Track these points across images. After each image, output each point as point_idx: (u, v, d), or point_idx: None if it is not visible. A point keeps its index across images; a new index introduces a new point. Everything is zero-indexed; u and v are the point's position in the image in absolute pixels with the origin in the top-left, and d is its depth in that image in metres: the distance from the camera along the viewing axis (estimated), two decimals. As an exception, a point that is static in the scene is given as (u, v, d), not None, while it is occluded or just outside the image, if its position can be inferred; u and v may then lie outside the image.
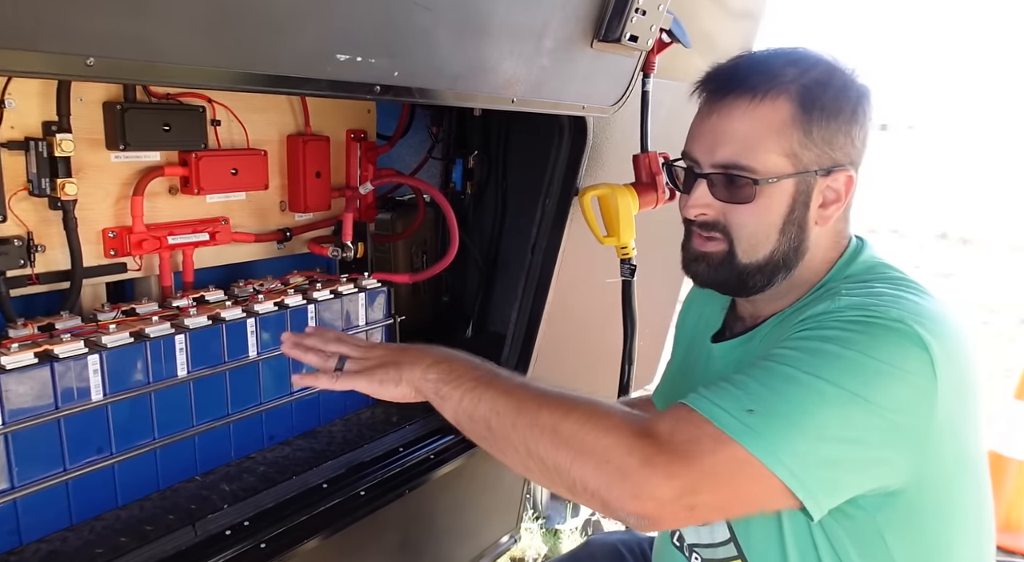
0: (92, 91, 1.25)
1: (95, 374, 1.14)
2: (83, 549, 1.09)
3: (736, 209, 1.03)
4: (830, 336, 0.90)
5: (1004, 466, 3.15)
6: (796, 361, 0.89)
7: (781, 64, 1.02)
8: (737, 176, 1.01)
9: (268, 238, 1.60)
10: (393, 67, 1.05)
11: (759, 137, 1.00)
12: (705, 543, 1.18)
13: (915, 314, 0.91)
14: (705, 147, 1.04)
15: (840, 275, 1.07)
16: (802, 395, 0.86)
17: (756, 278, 1.05)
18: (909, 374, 0.88)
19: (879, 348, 0.88)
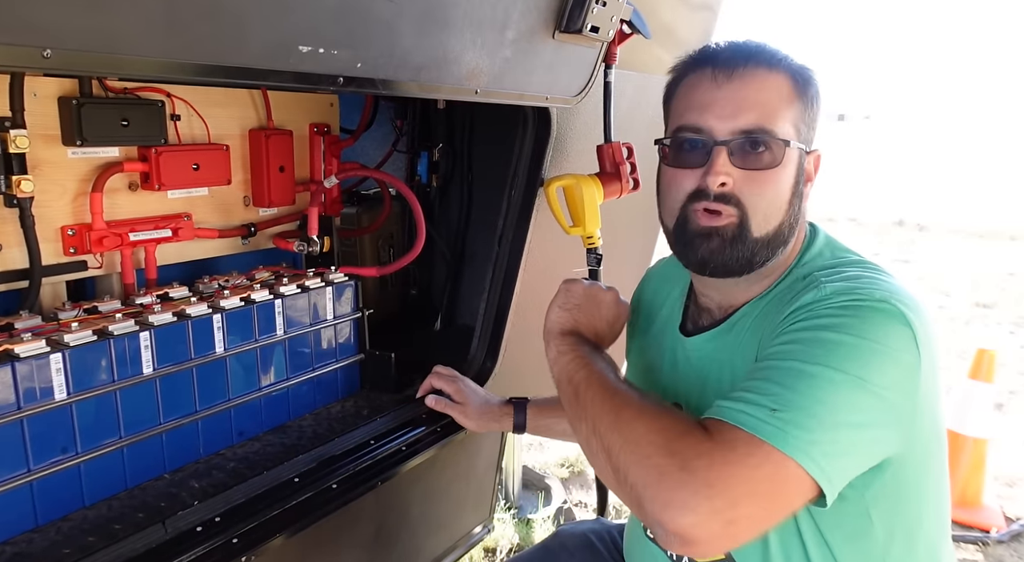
0: (46, 86, 1.22)
1: (58, 373, 1.12)
2: (50, 550, 1.07)
3: (755, 179, 1.02)
4: (825, 324, 0.92)
5: (960, 444, 3.25)
6: (801, 354, 0.91)
7: (771, 48, 1.06)
8: (763, 139, 1.01)
9: (232, 234, 1.59)
10: (356, 59, 1.05)
11: (778, 104, 1.03)
12: None
13: (895, 293, 0.95)
14: (725, 114, 1.02)
15: (808, 257, 1.10)
16: (815, 386, 0.88)
17: (764, 253, 1.05)
18: (897, 351, 0.91)
19: (870, 329, 0.91)
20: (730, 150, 1.02)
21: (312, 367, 1.59)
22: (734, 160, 1.02)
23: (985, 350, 3.36)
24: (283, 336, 1.50)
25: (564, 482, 3.37)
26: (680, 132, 1.07)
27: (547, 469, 3.45)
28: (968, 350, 5.04)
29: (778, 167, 1.02)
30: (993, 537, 3.00)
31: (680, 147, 1.07)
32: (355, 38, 1.04)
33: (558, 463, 3.54)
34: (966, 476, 3.22)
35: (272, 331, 1.48)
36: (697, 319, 1.21)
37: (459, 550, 1.88)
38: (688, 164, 1.06)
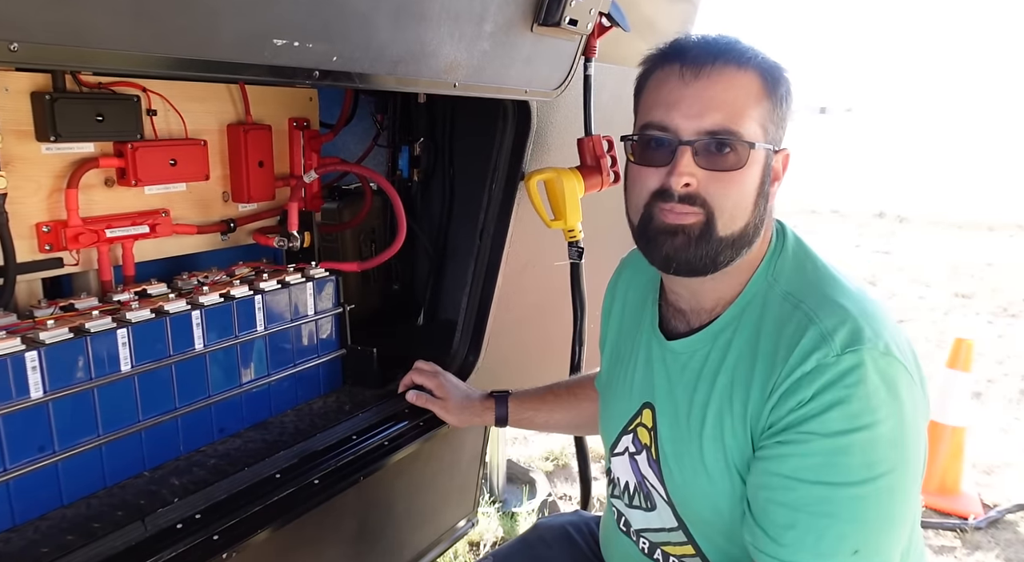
0: (18, 80, 1.20)
1: (33, 371, 1.11)
2: (28, 549, 1.06)
3: (719, 179, 1.01)
4: (852, 417, 0.92)
5: (939, 432, 3.29)
6: (850, 471, 0.92)
7: (743, 45, 1.05)
8: (728, 141, 1.00)
9: (211, 230, 1.58)
10: (332, 52, 1.04)
11: (746, 104, 1.02)
12: (654, 528, 1.20)
13: (884, 328, 0.97)
14: (691, 113, 1.01)
15: (780, 264, 1.10)
16: (880, 505, 0.93)
17: (728, 253, 1.04)
18: (914, 409, 0.96)
19: (892, 401, 0.93)
20: (695, 150, 1.01)
21: (293, 363, 1.58)
22: (699, 160, 1.01)
23: (963, 339, 3.41)
24: (263, 332, 1.49)
25: (549, 475, 3.38)
26: (646, 129, 1.06)
27: (532, 463, 3.46)
28: (947, 340, 5.11)
29: (743, 168, 1.02)
30: (971, 524, 3.04)
31: (646, 145, 1.06)
32: (331, 31, 1.03)
33: (543, 456, 3.55)
34: (945, 464, 3.26)
35: (252, 327, 1.47)
36: (671, 320, 1.20)
37: (443, 544, 1.88)
38: (653, 163, 1.05)
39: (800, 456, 0.95)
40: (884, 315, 1.01)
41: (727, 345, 1.08)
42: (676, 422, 1.13)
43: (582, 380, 1.61)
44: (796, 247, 1.12)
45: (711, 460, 1.07)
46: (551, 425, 1.61)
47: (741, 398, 1.03)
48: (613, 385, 1.32)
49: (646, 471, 1.20)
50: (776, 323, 1.03)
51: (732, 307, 1.10)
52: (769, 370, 1.01)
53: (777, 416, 0.98)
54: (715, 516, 1.09)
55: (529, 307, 2.05)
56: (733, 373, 1.06)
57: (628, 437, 1.24)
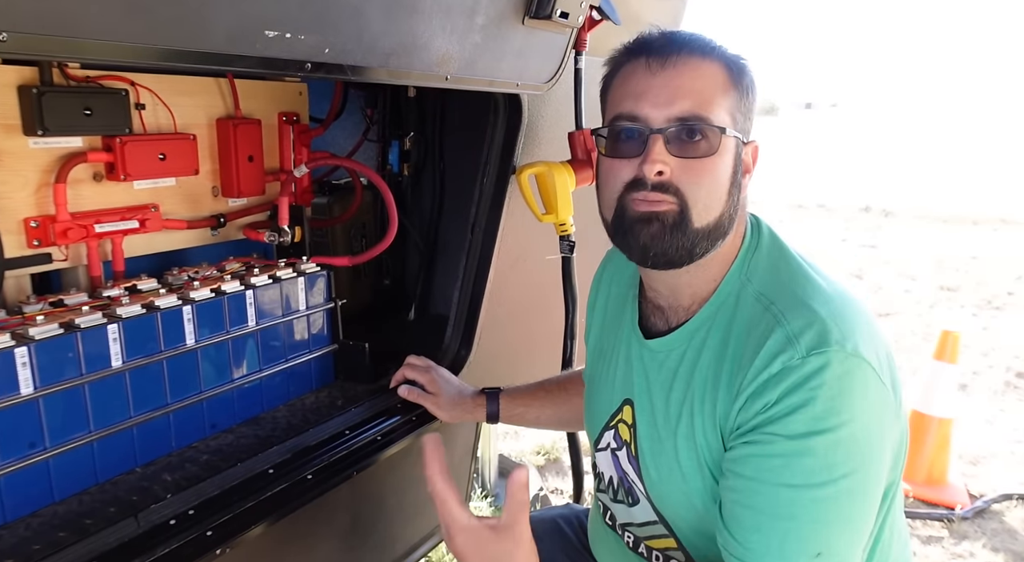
0: (5, 74, 1.19)
1: (24, 367, 1.10)
2: (19, 546, 1.05)
3: (692, 167, 1.01)
4: (816, 427, 0.92)
5: (925, 424, 3.33)
6: (811, 474, 0.92)
7: (705, 37, 1.05)
8: (698, 127, 1.00)
9: (201, 225, 1.57)
10: (324, 44, 1.04)
11: (713, 92, 1.02)
12: (638, 522, 1.21)
13: (853, 329, 0.97)
14: (659, 102, 1.01)
15: (755, 260, 1.10)
16: (840, 507, 0.93)
17: (703, 245, 1.04)
18: (881, 410, 0.96)
19: (856, 403, 0.93)
20: (666, 138, 1.01)
21: (285, 358, 1.57)
22: (671, 148, 1.01)
23: (949, 332, 3.44)
24: (255, 327, 1.48)
25: (540, 469, 3.39)
26: (616, 121, 1.05)
27: (523, 457, 3.46)
28: (932, 332, 5.16)
29: (715, 155, 1.01)
30: (958, 514, 3.08)
31: (617, 137, 1.06)
32: (322, 23, 1.02)
33: (534, 451, 3.56)
34: (931, 455, 3.30)
35: (244, 322, 1.46)
36: (651, 317, 1.20)
37: (435, 538, 1.88)
38: (625, 154, 1.05)
39: (763, 457, 0.95)
40: (857, 315, 1.00)
41: (701, 345, 1.08)
42: (653, 420, 1.14)
43: (572, 376, 1.62)
44: (771, 244, 1.12)
45: (685, 459, 1.07)
46: (542, 421, 1.61)
47: (711, 399, 1.04)
48: (596, 380, 1.32)
49: (627, 467, 1.20)
50: (746, 324, 1.03)
51: (706, 306, 1.10)
52: (736, 371, 1.01)
53: (744, 418, 0.98)
54: (691, 513, 1.10)
55: (521, 301, 2.05)
56: (706, 373, 1.06)
57: (610, 433, 1.25)
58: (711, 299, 1.10)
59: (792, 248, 1.12)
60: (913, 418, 3.39)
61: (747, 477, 0.97)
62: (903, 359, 4.98)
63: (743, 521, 0.96)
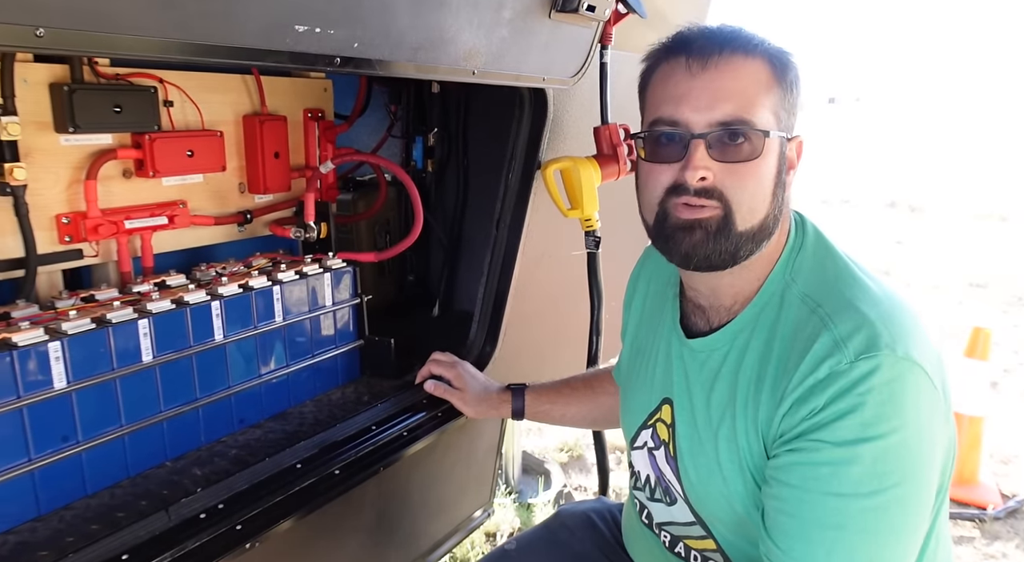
0: (37, 72, 1.21)
1: (57, 362, 1.11)
2: (53, 538, 1.07)
3: (735, 171, 0.99)
4: (865, 426, 0.89)
5: (956, 422, 3.26)
6: (860, 482, 0.90)
7: (748, 32, 1.02)
8: (742, 131, 0.98)
9: (228, 221, 1.58)
10: (352, 38, 1.03)
11: (756, 92, 0.99)
12: (678, 522, 1.19)
13: (905, 332, 0.94)
14: (700, 106, 0.99)
15: (800, 260, 1.07)
16: (891, 517, 0.90)
17: (748, 247, 1.02)
18: (932, 416, 0.93)
19: (905, 410, 0.90)
20: (708, 143, 0.99)
21: (312, 353, 1.58)
22: (713, 153, 0.99)
23: (980, 329, 3.38)
24: (282, 323, 1.49)
25: (563, 466, 3.38)
26: (656, 125, 1.03)
27: (546, 454, 3.46)
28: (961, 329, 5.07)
29: (759, 158, 0.99)
30: (990, 514, 3.03)
31: (656, 141, 1.04)
32: (351, 18, 1.02)
33: (557, 448, 3.56)
34: (962, 454, 3.24)
35: (271, 318, 1.47)
36: (691, 316, 1.18)
37: (460, 534, 1.88)
38: (665, 159, 1.03)
39: (810, 465, 0.93)
40: (908, 318, 0.98)
41: (744, 346, 1.06)
42: (693, 421, 1.12)
43: (599, 373, 1.61)
44: (816, 243, 1.09)
45: (726, 461, 1.05)
46: (567, 419, 1.60)
47: (754, 402, 1.02)
48: (633, 378, 1.31)
49: (664, 467, 1.19)
50: (792, 327, 1.01)
51: (750, 307, 1.07)
52: (781, 376, 0.98)
53: (789, 424, 0.96)
54: (731, 516, 1.08)
55: (546, 297, 2.04)
56: (749, 376, 1.04)
57: (647, 432, 1.23)
58: (754, 299, 1.07)
59: (838, 247, 1.09)
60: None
61: (793, 485, 0.94)
62: (931, 357, 4.89)
63: (788, 530, 0.94)
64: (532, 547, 1.46)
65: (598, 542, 1.44)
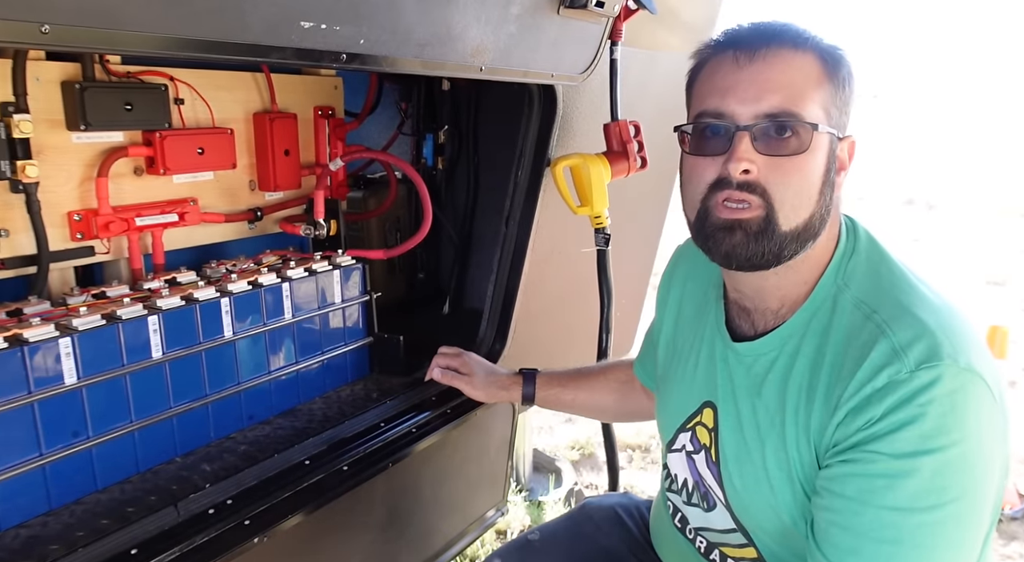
0: (49, 70, 1.22)
1: (67, 357, 1.12)
2: (64, 533, 1.08)
3: (781, 166, 0.96)
4: (925, 446, 0.86)
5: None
6: (918, 496, 0.87)
7: (798, 27, 1.00)
8: (788, 123, 0.95)
9: (239, 218, 1.59)
10: (359, 35, 1.03)
11: (805, 85, 0.96)
12: (714, 528, 1.16)
13: (966, 343, 0.91)
14: (747, 98, 0.96)
15: (852, 266, 1.04)
16: (948, 534, 0.87)
17: (792, 247, 0.98)
18: (993, 430, 0.90)
19: (968, 422, 0.87)
20: (753, 135, 0.95)
21: (321, 350, 1.58)
22: (758, 146, 0.95)
23: (998, 327, 3.34)
24: (291, 320, 1.49)
25: (574, 464, 3.37)
26: (701, 118, 1.01)
27: (557, 452, 3.45)
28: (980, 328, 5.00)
29: (806, 153, 0.95)
30: (1007, 514, 2.99)
31: (701, 134, 1.01)
32: (357, 14, 1.02)
33: (568, 445, 3.55)
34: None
35: (280, 315, 1.47)
36: (736, 319, 1.15)
37: (473, 533, 1.88)
38: (709, 151, 1.00)
39: (866, 477, 0.89)
40: (967, 328, 0.94)
41: (795, 352, 1.02)
42: (739, 427, 1.08)
43: (617, 364, 1.59)
44: (870, 247, 1.05)
45: (774, 470, 1.02)
46: (576, 406, 1.59)
47: (806, 411, 0.98)
48: (670, 379, 1.27)
49: (704, 471, 1.16)
50: (846, 333, 0.97)
51: (801, 311, 1.04)
52: (835, 384, 0.95)
53: (844, 434, 0.92)
54: (776, 526, 1.05)
55: (556, 294, 2.04)
56: (800, 383, 1.00)
57: (686, 435, 1.20)
58: (805, 304, 1.04)
59: (892, 253, 1.06)
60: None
61: (847, 497, 0.91)
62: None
63: (840, 543, 0.91)
64: (556, 538, 1.43)
65: (625, 538, 1.41)
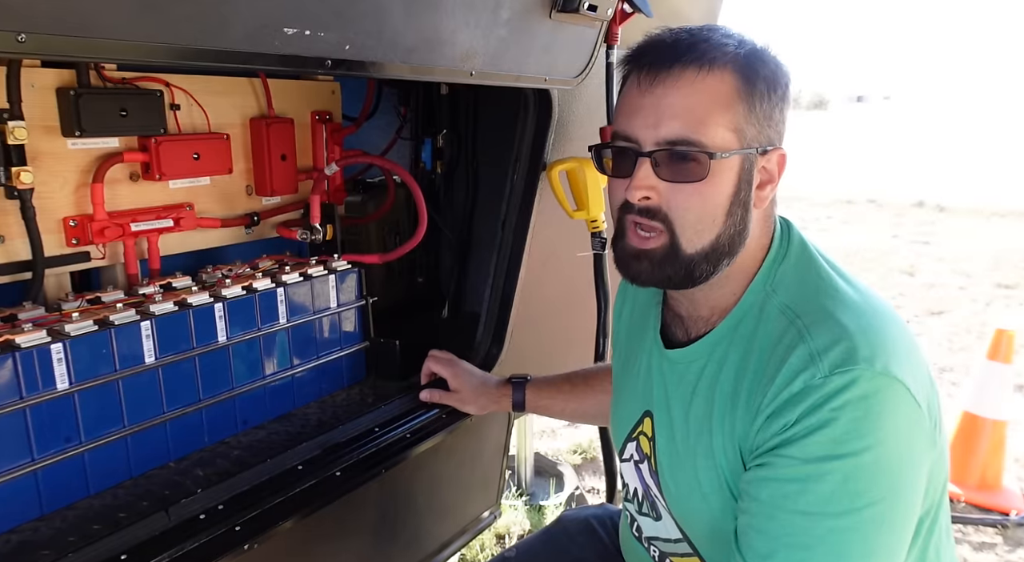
0: (43, 77, 1.22)
1: (59, 363, 1.13)
2: (55, 538, 1.08)
3: (682, 191, 0.96)
4: (836, 451, 0.86)
5: (979, 426, 3.21)
6: (828, 501, 0.87)
7: (718, 37, 0.97)
8: (687, 152, 0.94)
9: (235, 223, 1.59)
10: (344, 41, 1.03)
11: (708, 110, 0.94)
12: (662, 538, 1.17)
13: (884, 345, 0.91)
14: (648, 123, 0.96)
15: (781, 272, 1.03)
16: (864, 539, 0.86)
17: (702, 267, 0.99)
18: (911, 434, 0.90)
19: (882, 426, 0.87)
20: (655, 161, 0.96)
21: (316, 355, 1.59)
22: (660, 172, 0.96)
23: (1004, 331, 3.31)
24: (286, 324, 1.50)
25: (576, 468, 3.36)
26: (614, 140, 1.02)
27: (559, 456, 3.44)
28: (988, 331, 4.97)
29: (706, 179, 0.95)
30: (1012, 520, 2.96)
31: (615, 155, 1.03)
32: (342, 19, 1.02)
33: (570, 449, 3.54)
34: (985, 459, 3.17)
35: (275, 319, 1.48)
36: (671, 326, 1.16)
37: (467, 535, 1.88)
38: (619, 174, 1.01)
39: (778, 482, 0.90)
40: (891, 330, 0.94)
41: (722, 359, 1.03)
42: (672, 435, 1.09)
43: (599, 370, 1.59)
44: (800, 252, 1.05)
45: (705, 478, 1.03)
46: (566, 414, 1.60)
47: (731, 417, 0.99)
48: (621, 389, 1.29)
49: (649, 481, 1.17)
50: (770, 339, 0.98)
51: (728, 317, 1.04)
52: (756, 389, 0.96)
53: (762, 439, 0.93)
54: (713, 533, 1.05)
55: (553, 298, 2.04)
56: (725, 390, 1.01)
57: (632, 444, 1.21)
58: (733, 311, 1.04)
59: (823, 257, 1.05)
60: (966, 420, 3.27)
61: (761, 501, 0.92)
62: (955, 359, 4.81)
63: (756, 547, 0.91)
64: (532, 553, 1.45)
65: (597, 549, 1.42)
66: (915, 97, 36.63)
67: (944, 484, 1.02)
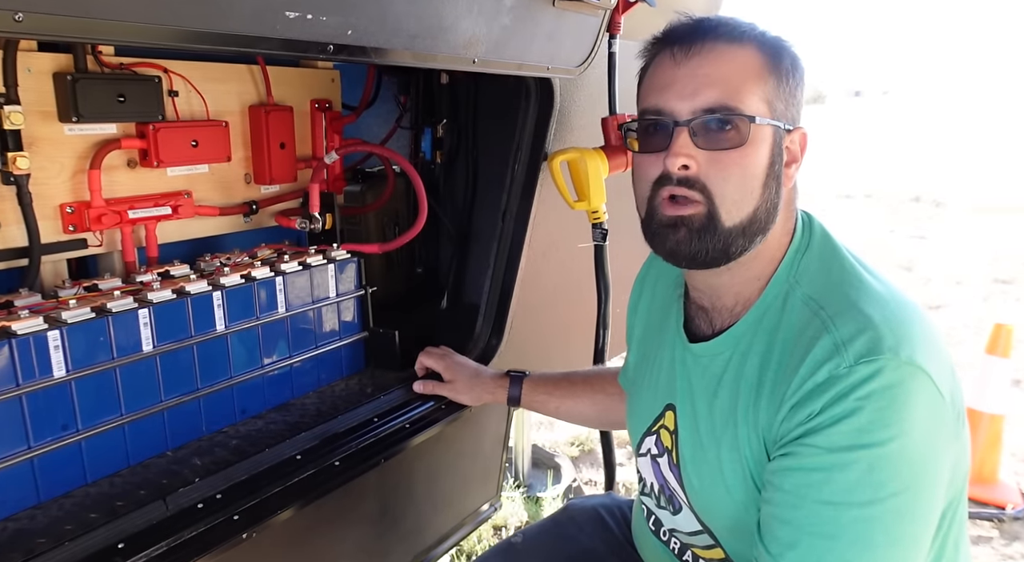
0: (40, 61, 1.21)
1: (56, 350, 1.12)
2: (51, 526, 1.07)
3: (720, 160, 0.96)
4: (861, 440, 0.86)
5: (976, 420, 3.21)
6: (853, 491, 0.87)
7: (740, 22, 1.00)
8: (727, 118, 0.95)
9: (234, 211, 1.58)
10: (346, 25, 1.02)
11: (743, 78, 0.96)
12: (682, 530, 1.17)
13: (910, 336, 0.90)
14: (685, 93, 0.97)
15: (804, 263, 1.04)
16: (888, 529, 0.86)
17: (739, 242, 0.99)
18: (936, 425, 0.89)
19: (907, 418, 0.86)
20: (692, 130, 0.96)
21: (315, 345, 1.58)
22: (697, 140, 0.96)
23: (1003, 325, 3.31)
24: (285, 314, 1.49)
25: (574, 460, 3.37)
26: (644, 116, 1.02)
27: (557, 448, 3.45)
28: (985, 326, 4.98)
29: (745, 146, 0.96)
30: (1009, 514, 2.97)
31: (645, 132, 1.02)
32: (345, 4, 1.01)
33: (568, 442, 3.54)
34: (982, 452, 3.18)
35: (274, 309, 1.47)
36: (695, 319, 1.16)
37: (466, 527, 1.88)
38: (652, 148, 1.01)
39: (802, 471, 0.90)
40: (915, 321, 0.94)
41: (747, 351, 1.03)
42: (696, 428, 1.09)
43: (602, 373, 1.58)
44: (823, 243, 1.06)
45: (729, 470, 1.03)
46: (562, 413, 1.59)
47: (755, 408, 0.99)
48: (639, 384, 1.28)
49: (668, 475, 1.16)
50: (794, 330, 0.98)
51: (752, 309, 1.04)
52: (781, 380, 0.96)
53: (787, 429, 0.93)
54: (737, 525, 1.05)
55: (552, 290, 2.03)
56: (751, 381, 1.01)
57: (651, 438, 1.21)
58: (757, 302, 1.04)
59: (846, 248, 1.06)
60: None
61: (785, 491, 0.92)
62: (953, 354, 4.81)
63: (780, 537, 0.91)
64: (539, 541, 1.44)
65: (606, 538, 1.41)
66: (913, 92, 36.62)
67: (965, 477, 1.02)
